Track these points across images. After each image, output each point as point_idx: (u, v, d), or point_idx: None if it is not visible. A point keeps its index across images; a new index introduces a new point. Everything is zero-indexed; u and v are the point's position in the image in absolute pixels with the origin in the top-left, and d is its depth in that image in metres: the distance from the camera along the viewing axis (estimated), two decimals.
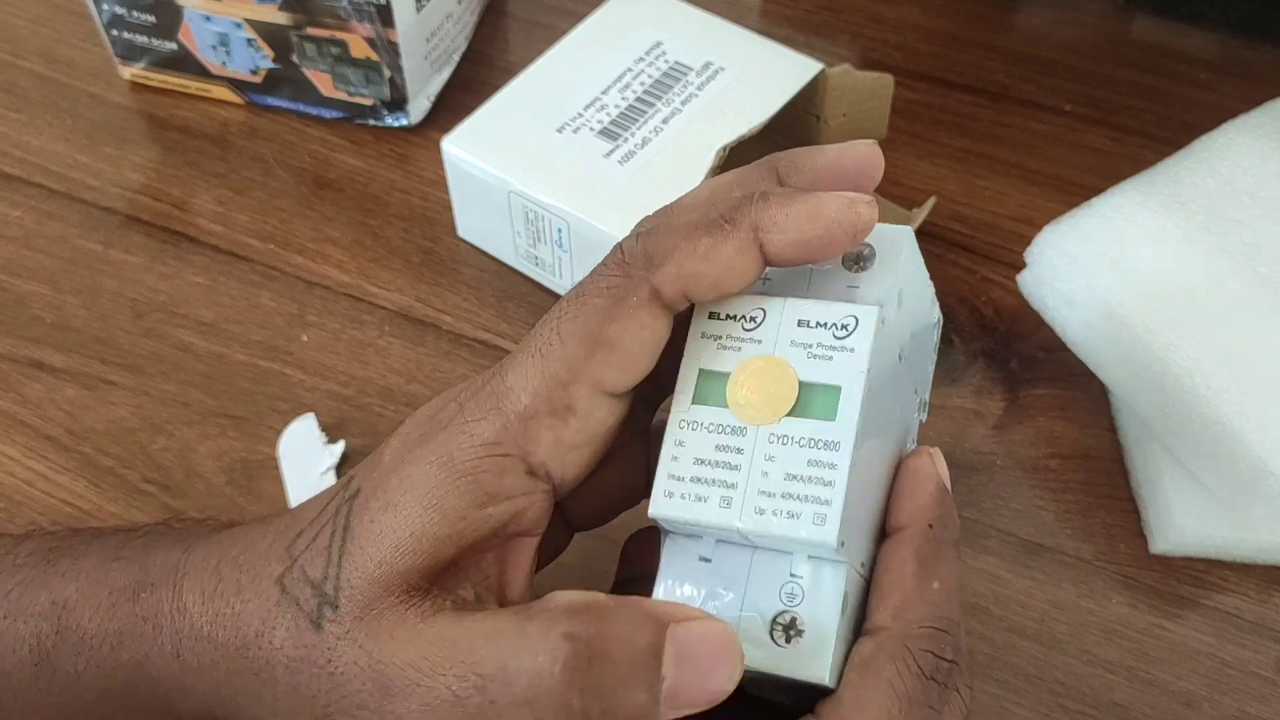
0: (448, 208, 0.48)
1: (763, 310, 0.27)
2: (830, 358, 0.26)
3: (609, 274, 0.27)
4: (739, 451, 0.26)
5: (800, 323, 0.27)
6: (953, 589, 0.27)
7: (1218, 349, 0.38)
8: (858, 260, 0.28)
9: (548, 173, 0.43)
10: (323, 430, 0.43)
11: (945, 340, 0.45)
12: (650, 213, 0.29)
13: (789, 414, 0.26)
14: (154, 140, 0.52)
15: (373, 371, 0.45)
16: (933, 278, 0.48)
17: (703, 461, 0.27)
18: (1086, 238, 0.41)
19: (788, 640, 0.26)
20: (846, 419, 0.26)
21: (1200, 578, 0.40)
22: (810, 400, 0.26)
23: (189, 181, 0.51)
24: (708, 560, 0.27)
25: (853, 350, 0.26)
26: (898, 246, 0.28)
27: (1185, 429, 0.38)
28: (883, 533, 0.28)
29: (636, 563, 0.31)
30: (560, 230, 0.43)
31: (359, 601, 0.26)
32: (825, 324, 0.27)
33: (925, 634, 0.26)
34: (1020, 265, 0.43)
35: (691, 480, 0.27)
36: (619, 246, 0.27)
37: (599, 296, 0.26)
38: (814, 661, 0.26)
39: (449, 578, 0.26)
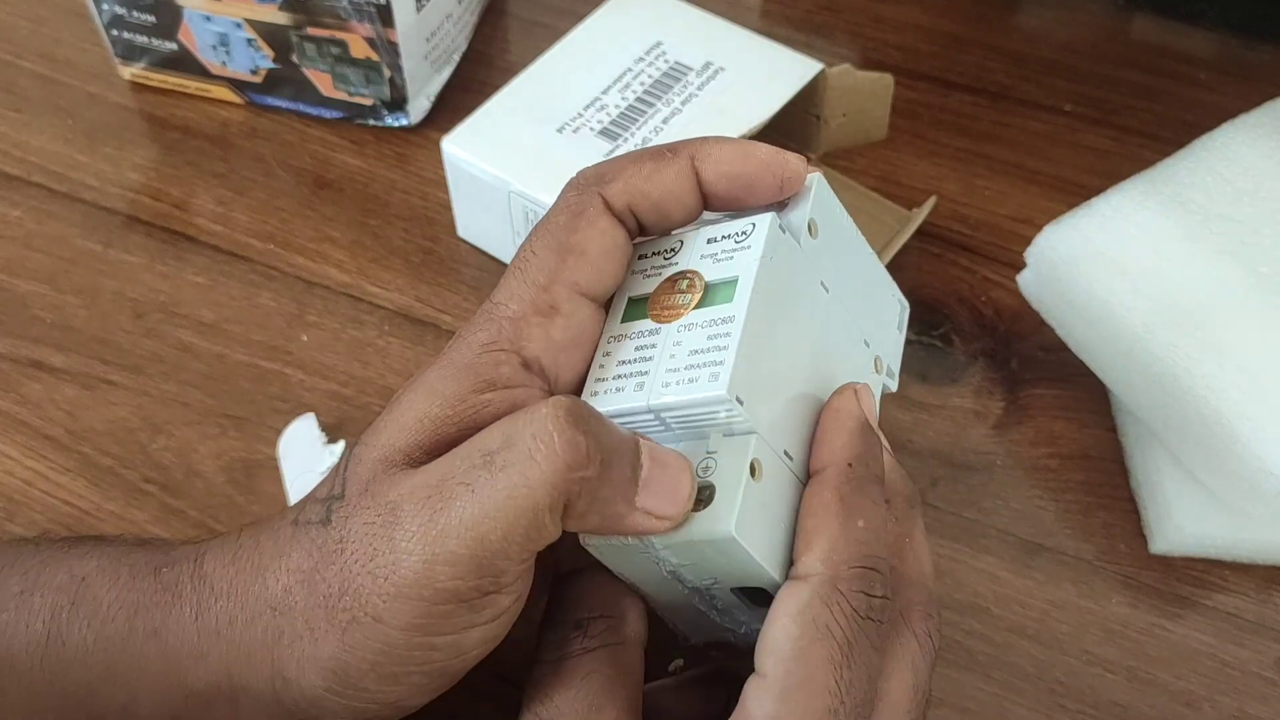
0: (447, 208, 0.48)
1: (680, 241, 0.31)
2: (731, 258, 0.29)
3: (568, 195, 0.30)
4: (653, 347, 0.29)
5: (710, 240, 0.30)
6: (878, 525, 0.28)
7: (1218, 349, 0.38)
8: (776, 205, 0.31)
9: (548, 173, 0.43)
10: (323, 430, 0.43)
11: (945, 340, 0.45)
12: None
13: (695, 307, 0.29)
14: (154, 140, 0.52)
15: (373, 371, 0.45)
16: (933, 278, 0.48)
17: (624, 362, 0.29)
18: (1087, 238, 0.41)
19: (699, 508, 0.27)
20: (741, 296, 0.28)
21: (1200, 578, 0.40)
22: (714, 294, 0.29)
23: (189, 181, 0.51)
24: None
25: (749, 247, 0.29)
26: (805, 188, 0.31)
27: (1185, 429, 0.38)
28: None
29: (578, 552, 0.31)
30: None
31: (363, 479, 0.27)
32: (729, 235, 0.30)
33: (854, 574, 0.27)
34: (1020, 265, 0.43)
35: (613, 378, 0.29)
36: (576, 174, 0.31)
37: (561, 214, 0.30)
38: (719, 519, 0.27)
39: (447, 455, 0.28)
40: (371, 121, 0.52)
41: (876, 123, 0.51)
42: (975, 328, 0.46)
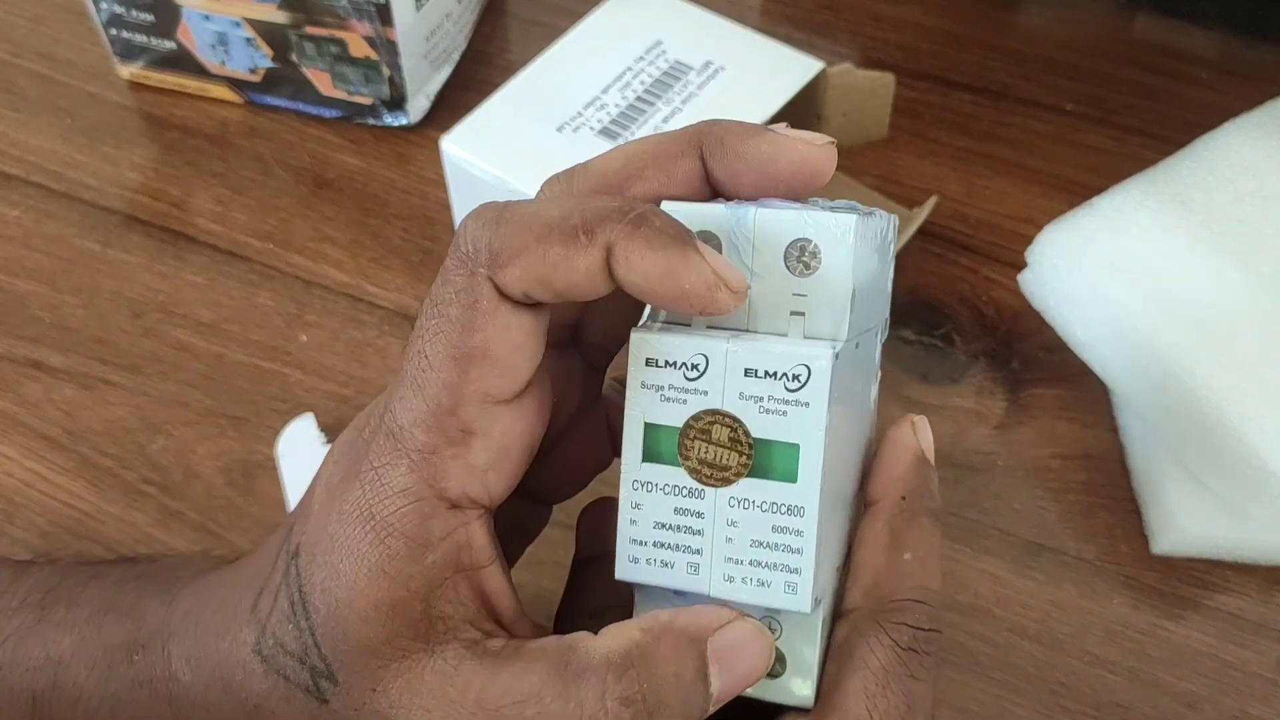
0: (447, 207, 0.48)
1: (704, 357, 0.25)
2: (784, 413, 0.25)
3: (454, 274, 0.25)
4: (699, 515, 0.25)
5: (748, 372, 0.25)
6: (926, 557, 0.26)
7: (1219, 349, 0.38)
8: (801, 257, 0.25)
9: (547, 172, 0.43)
10: (322, 430, 0.42)
11: (946, 340, 0.45)
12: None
13: (747, 474, 0.25)
14: (153, 140, 0.52)
15: (372, 371, 0.44)
16: (934, 277, 0.48)
17: (663, 526, 0.26)
18: (1088, 237, 0.40)
19: (772, 674, 0.26)
20: (808, 480, 0.25)
21: (1202, 578, 0.39)
22: (768, 459, 0.25)
23: (188, 181, 0.51)
24: (682, 594, 0.27)
25: (807, 405, 0.24)
26: (843, 245, 0.25)
27: (1187, 429, 0.38)
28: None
29: (594, 539, 0.31)
30: None
31: (360, 673, 0.25)
32: (775, 374, 0.25)
33: (897, 607, 0.26)
34: (1021, 265, 0.43)
35: (654, 545, 0.26)
36: (463, 232, 0.25)
37: (451, 305, 0.25)
38: (799, 689, 0.26)
39: (436, 625, 0.25)
40: (371, 121, 0.52)
41: (877, 122, 0.51)
42: (976, 328, 0.46)
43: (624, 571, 0.26)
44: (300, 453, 0.42)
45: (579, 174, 0.27)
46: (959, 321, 0.46)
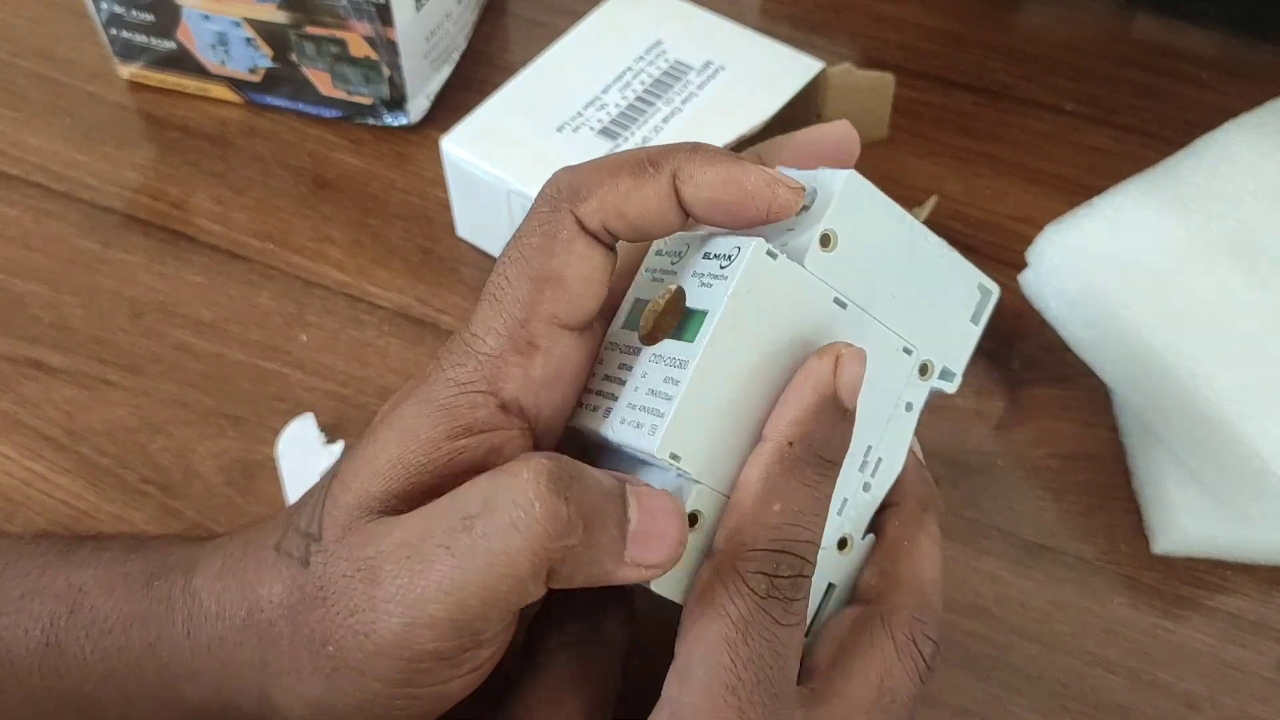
0: (447, 207, 0.48)
1: (686, 245, 0.29)
2: (710, 285, 0.27)
3: (540, 211, 0.28)
4: (629, 369, 0.28)
5: (705, 255, 0.28)
6: (802, 509, 0.27)
7: (1219, 348, 0.38)
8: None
9: (547, 172, 0.43)
10: (322, 430, 0.42)
11: None
12: None
13: (669, 336, 0.28)
14: (152, 140, 0.52)
15: (372, 371, 0.44)
16: None
17: (607, 378, 0.28)
18: (1088, 237, 0.40)
19: None
20: (700, 340, 0.27)
21: (1202, 578, 0.39)
22: (686, 324, 0.27)
23: (188, 181, 0.51)
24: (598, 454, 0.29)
25: (726, 279, 0.27)
26: (830, 190, 0.28)
27: (1187, 429, 0.38)
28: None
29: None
30: None
31: (339, 524, 0.26)
32: (718, 255, 0.28)
33: (755, 555, 0.26)
34: (1022, 265, 0.43)
35: (595, 393, 0.28)
36: (550, 180, 0.28)
37: (534, 235, 0.28)
38: (667, 584, 0.27)
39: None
40: (370, 121, 0.52)
41: (877, 122, 0.51)
42: None
43: (573, 417, 0.29)
44: (300, 453, 0.42)
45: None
46: None
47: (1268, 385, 0.37)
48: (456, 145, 0.45)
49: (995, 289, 0.32)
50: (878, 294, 0.29)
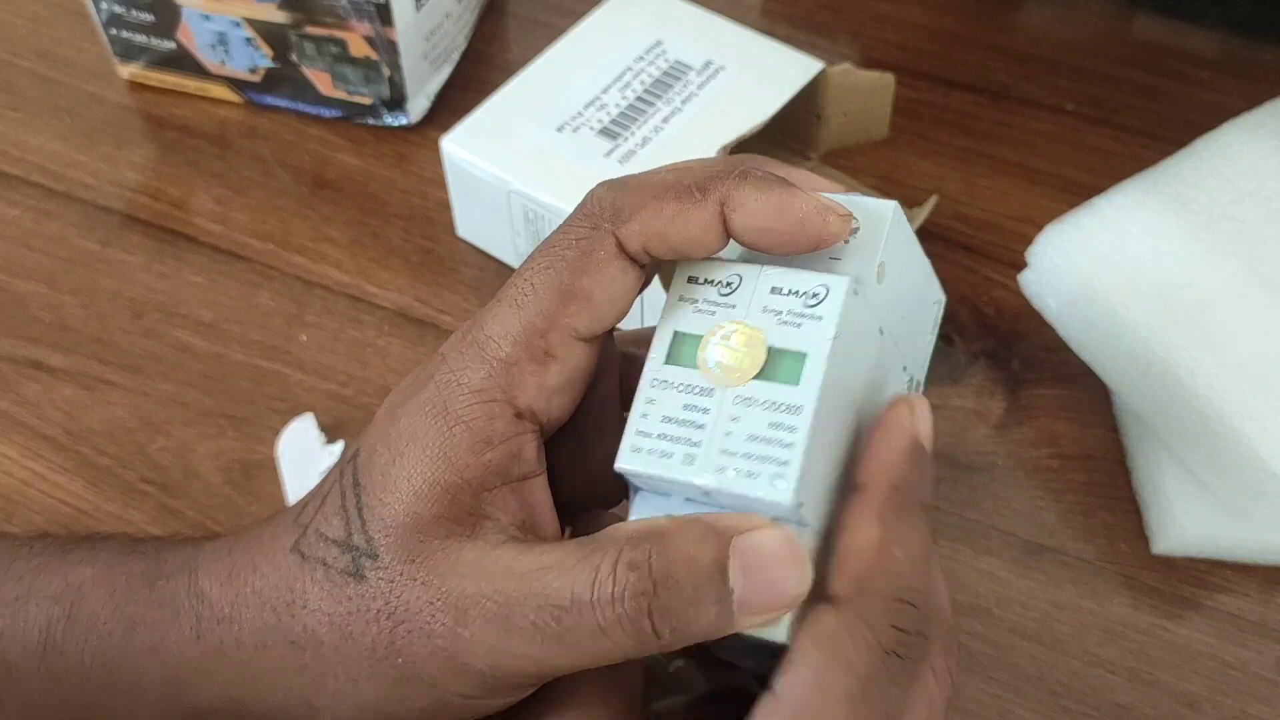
0: (447, 207, 0.48)
1: (739, 276, 0.28)
2: (799, 325, 0.27)
3: (578, 225, 0.28)
4: (705, 411, 0.27)
5: (774, 290, 0.27)
6: (918, 556, 0.26)
7: (1219, 349, 0.38)
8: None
9: (547, 172, 0.43)
10: (321, 430, 0.42)
11: (946, 340, 0.45)
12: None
13: (755, 378, 0.27)
14: (152, 139, 0.52)
15: (372, 371, 0.44)
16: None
17: (670, 420, 0.27)
18: (1088, 237, 0.40)
19: None
20: (810, 383, 0.26)
21: (1202, 578, 0.39)
22: (777, 365, 0.27)
23: (187, 181, 0.51)
24: (669, 497, 0.28)
25: (821, 318, 0.27)
26: (881, 221, 0.28)
27: (1187, 429, 0.38)
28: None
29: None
30: None
31: (402, 546, 0.26)
32: (797, 292, 0.27)
33: (887, 607, 0.25)
34: (1022, 265, 0.43)
35: (658, 437, 0.27)
36: (590, 196, 0.28)
37: (569, 249, 0.27)
38: (774, 624, 0.26)
39: (482, 522, 0.27)
40: (371, 121, 0.52)
41: (877, 122, 0.51)
42: (977, 328, 0.46)
43: (624, 461, 0.27)
44: (300, 453, 0.42)
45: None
46: (959, 321, 0.46)
47: (1268, 385, 0.37)
48: (456, 145, 0.45)
49: (944, 298, 0.33)
50: (898, 323, 0.30)
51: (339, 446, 0.42)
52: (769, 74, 0.46)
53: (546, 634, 0.25)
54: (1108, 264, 0.40)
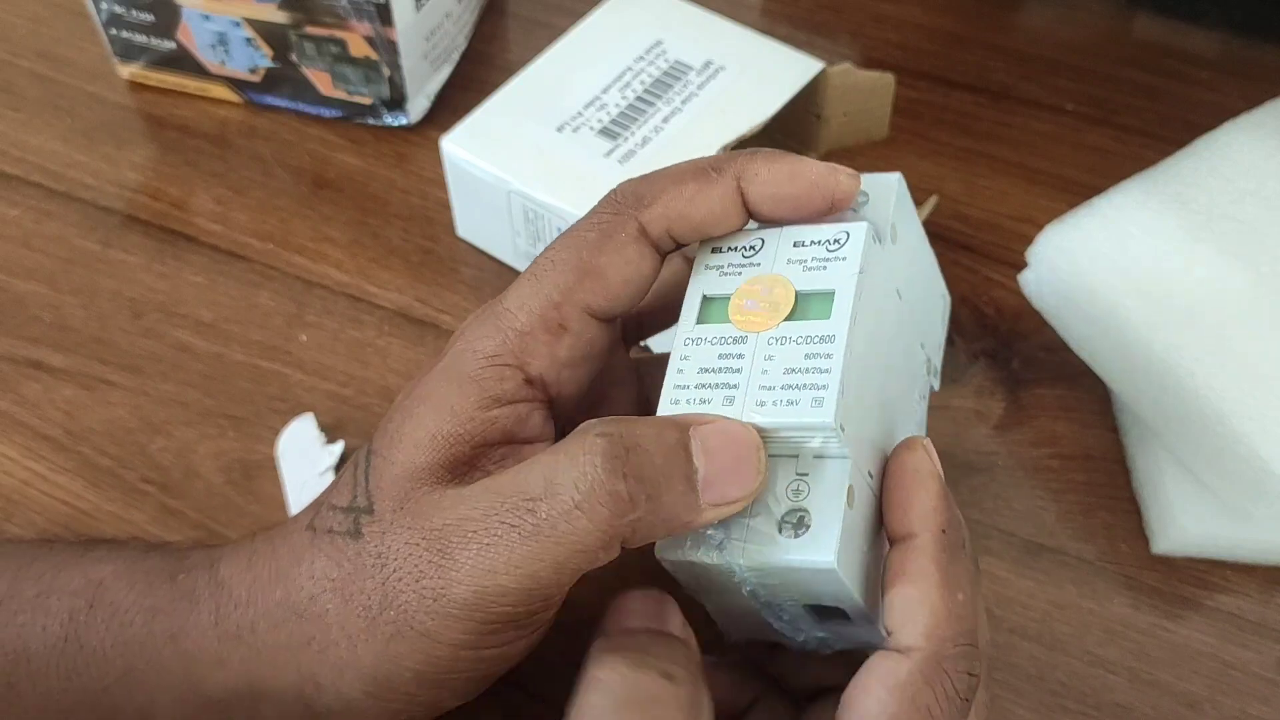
0: (447, 207, 0.48)
1: (761, 239, 0.29)
2: (824, 267, 0.28)
3: (602, 211, 0.29)
4: (740, 357, 0.28)
5: (796, 243, 0.29)
6: (970, 596, 0.27)
7: (1220, 349, 0.38)
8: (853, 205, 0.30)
9: (547, 172, 0.43)
10: (322, 430, 0.42)
11: (947, 340, 0.45)
12: None
13: (786, 319, 0.28)
14: (152, 139, 0.52)
15: (372, 371, 0.44)
16: None
17: (707, 370, 0.28)
18: (1088, 237, 0.40)
19: (796, 534, 0.27)
20: (841, 314, 0.27)
21: (1202, 578, 0.39)
22: (807, 306, 0.28)
23: (188, 181, 0.51)
24: None
25: (845, 259, 0.28)
26: (888, 190, 0.30)
27: (1187, 429, 0.38)
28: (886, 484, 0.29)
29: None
30: (560, 230, 0.43)
31: (393, 496, 0.27)
32: (819, 241, 0.29)
33: (959, 653, 0.26)
34: (1022, 265, 0.43)
35: (696, 387, 0.28)
36: (613, 189, 0.29)
37: (590, 230, 0.29)
38: (820, 548, 0.26)
39: (476, 475, 0.28)
40: (370, 120, 0.52)
41: (877, 122, 0.51)
42: (977, 327, 0.46)
43: (663, 411, 0.28)
44: (300, 453, 0.42)
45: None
46: (959, 321, 0.46)
47: (1269, 385, 0.37)
48: (456, 145, 0.45)
49: (949, 297, 0.35)
50: (911, 291, 0.31)
51: (339, 446, 0.42)
52: (769, 74, 0.46)
53: (524, 531, 0.25)
54: (1108, 264, 0.40)
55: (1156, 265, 0.39)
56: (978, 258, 0.48)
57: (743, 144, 0.44)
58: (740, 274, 0.29)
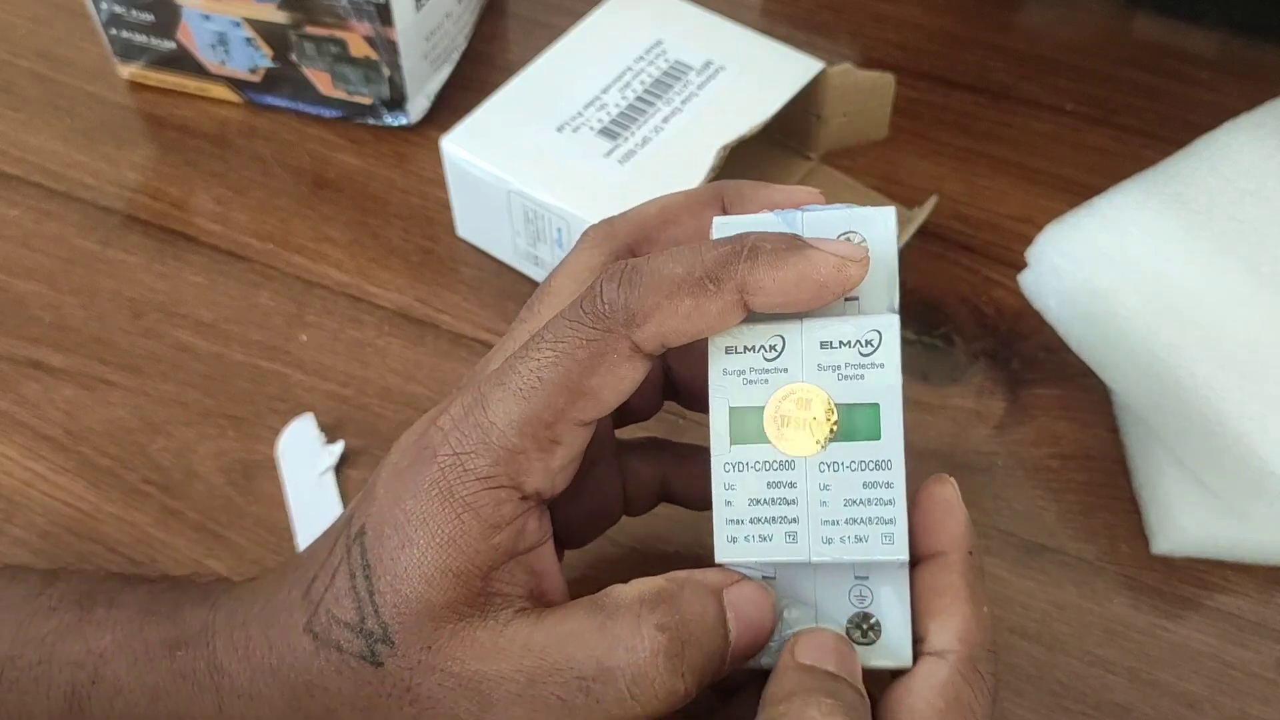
0: (447, 207, 0.48)
1: (781, 338, 0.27)
2: (861, 376, 0.27)
3: (589, 327, 0.27)
4: (792, 485, 0.27)
5: (823, 345, 0.27)
6: (990, 610, 0.29)
7: (1220, 349, 0.38)
8: None
9: (547, 172, 0.43)
10: (322, 430, 0.42)
11: (946, 340, 0.45)
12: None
13: (833, 439, 0.27)
14: (152, 139, 0.52)
15: (372, 371, 0.44)
16: (934, 277, 0.48)
17: (758, 501, 0.27)
18: (1088, 237, 0.40)
19: (866, 638, 0.27)
20: (891, 434, 0.26)
21: (1202, 578, 0.39)
22: (854, 422, 0.27)
23: (188, 181, 0.51)
24: (772, 577, 0.28)
25: (882, 365, 0.27)
26: (887, 232, 0.28)
27: (1187, 429, 0.38)
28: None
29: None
30: (560, 230, 0.43)
31: (415, 633, 0.27)
32: (849, 342, 0.27)
33: (986, 655, 0.28)
34: (1022, 265, 0.43)
35: (751, 521, 0.27)
36: (598, 292, 0.27)
37: (580, 349, 0.27)
38: (896, 655, 0.28)
39: (493, 599, 0.28)
40: (370, 120, 0.52)
41: (877, 122, 0.51)
42: (976, 328, 0.46)
43: (724, 553, 0.28)
44: (300, 453, 0.42)
45: (619, 222, 0.31)
46: (959, 321, 0.46)
47: (1269, 386, 0.37)
48: (456, 145, 0.45)
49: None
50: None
51: (339, 446, 0.42)
52: (769, 74, 0.46)
53: (574, 706, 0.26)
54: (1108, 264, 0.40)
55: (1156, 265, 0.39)
56: (978, 258, 0.48)
57: (742, 144, 0.44)
58: (767, 381, 0.27)
